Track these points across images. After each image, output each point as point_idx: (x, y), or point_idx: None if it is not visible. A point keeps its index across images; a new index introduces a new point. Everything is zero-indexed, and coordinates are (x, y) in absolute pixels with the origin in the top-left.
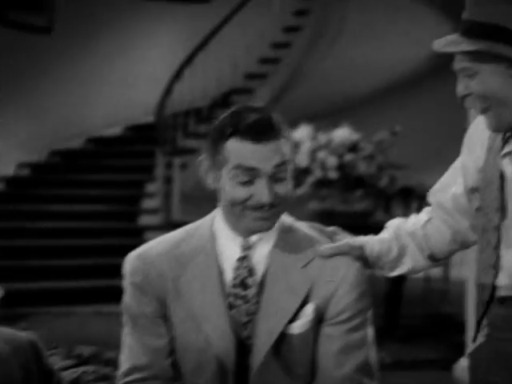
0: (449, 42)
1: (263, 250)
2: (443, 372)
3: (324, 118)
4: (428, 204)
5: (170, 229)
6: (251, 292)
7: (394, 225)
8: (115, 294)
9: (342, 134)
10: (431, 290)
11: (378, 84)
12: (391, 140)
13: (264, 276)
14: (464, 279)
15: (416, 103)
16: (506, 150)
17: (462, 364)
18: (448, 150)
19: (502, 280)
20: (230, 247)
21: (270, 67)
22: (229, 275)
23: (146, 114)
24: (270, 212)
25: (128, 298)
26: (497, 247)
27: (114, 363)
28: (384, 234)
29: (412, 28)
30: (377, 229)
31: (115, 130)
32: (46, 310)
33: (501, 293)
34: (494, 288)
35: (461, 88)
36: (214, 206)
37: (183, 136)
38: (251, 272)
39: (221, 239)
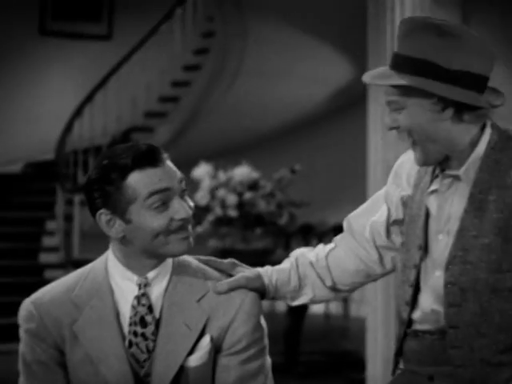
0: (379, 75)
1: (160, 286)
2: None
3: (224, 156)
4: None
5: (70, 266)
6: (150, 329)
7: (296, 254)
8: (15, 333)
9: (242, 172)
10: (331, 326)
11: (278, 122)
12: (291, 178)
13: (161, 312)
14: (364, 316)
15: (315, 142)
16: (433, 187)
17: None
18: (347, 187)
19: (416, 315)
20: (126, 286)
21: (170, 105)
22: (127, 314)
23: (46, 151)
24: (189, 229)
25: (23, 345)
26: (413, 285)
27: None
28: (285, 264)
29: (312, 67)
30: None
31: (15, 167)
32: None
33: (416, 327)
34: (410, 322)
35: (388, 121)
36: None
37: (83, 173)
38: (150, 309)
39: (116, 279)
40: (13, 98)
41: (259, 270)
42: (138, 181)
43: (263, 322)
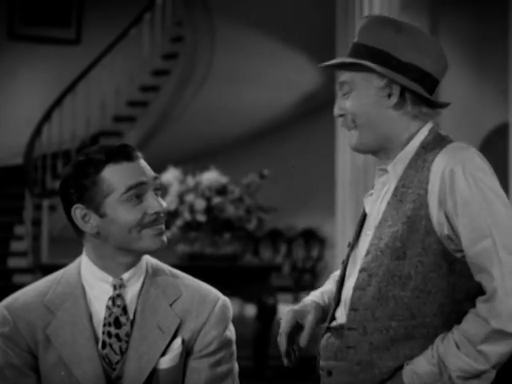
0: (333, 60)
1: (135, 288)
2: None
3: (192, 161)
4: None
5: (38, 271)
6: (124, 330)
7: (336, 274)
8: None
9: (210, 177)
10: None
11: (246, 127)
12: (259, 183)
13: (135, 314)
14: None
15: (284, 146)
16: (370, 191)
17: None
18: (316, 193)
19: (339, 312)
20: (100, 288)
21: (138, 110)
22: (100, 316)
23: (14, 156)
24: (163, 226)
25: None
26: (339, 281)
27: None
28: (328, 284)
29: (281, 72)
30: (245, 271)
31: None
32: None
33: (335, 323)
34: (333, 319)
35: (336, 109)
36: (82, 248)
37: (52, 178)
38: (125, 310)
39: (90, 281)
40: None
41: (310, 298)
42: (114, 174)
43: (232, 328)
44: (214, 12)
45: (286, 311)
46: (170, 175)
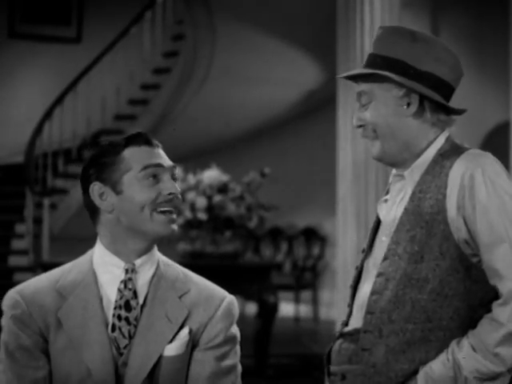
0: (351, 71)
1: (146, 274)
2: None
3: (193, 159)
4: None
5: (39, 270)
6: (134, 314)
7: None
8: None
9: (211, 175)
10: (301, 329)
11: (247, 125)
12: (260, 181)
13: (145, 300)
14: (333, 319)
15: (285, 145)
16: (384, 197)
17: None
18: (316, 190)
19: (353, 316)
20: (112, 272)
21: (139, 108)
22: (111, 300)
23: (15, 154)
24: (174, 215)
25: (6, 332)
26: (353, 286)
27: None
28: None
29: (282, 71)
30: (246, 269)
31: None
32: None
33: (349, 328)
34: (346, 325)
35: (355, 119)
36: (83, 247)
37: (53, 176)
38: (135, 294)
39: (102, 266)
40: None
41: None
42: (133, 154)
43: (237, 328)
44: (214, 10)
45: None
46: None
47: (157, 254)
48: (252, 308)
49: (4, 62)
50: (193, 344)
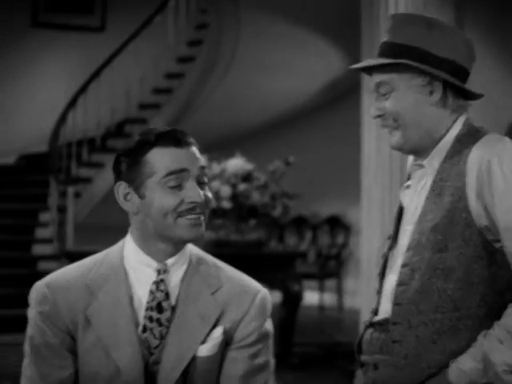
0: (367, 62)
1: (178, 274)
2: None
3: (218, 147)
4: None
5: (63, 258)
6: (166, 315)
7: None
8: (8, 325)
9: (236, 163)
10: (325, 318)
11: (272, 115)
12: (284, 170)
13: (177, 300)
14: (357, 308)
15: (309, 133)
16: (407, 183)
17: None
18: (341, 179)
19: (382, 305)
20: (144, 272)
21: (163, 97)
22: (142, 300)
23: (39, 143)
24: (201, 218)
25: (33, 327)
26: (381, 274)
27: None
28: None
29: (306, 59)
30: (270, 258)
31: (9, 159)
32: None
33: (378, 317)
34: (376, 313)
35: (374, 110)
36: (107, 235)
37: (77, 165)
38: (167, 296)
39: (133, 265)
40: (6, 90)
41: None
42: (158, 157)
43: (271, 322)
44: None
45: None
46: None
47: (188, 250)
48: (276, 297)
49: (28, 51)
50: (226, 342)
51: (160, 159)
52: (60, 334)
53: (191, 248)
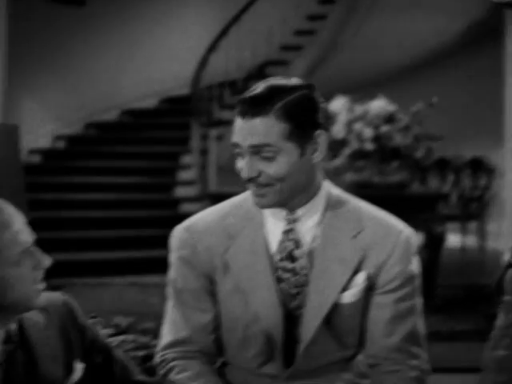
0: None
1: (309, 222)
2: (479, 343)
3: (360, 89)
4: None
5: (206, 200)
6: (299, 264)
7: None
8: (151, 265)
9: (378, 105)
10: (467, 260)
11: (414, 56)
12: (427, 111)
13: (311, 248)
14: (499, 250)
15: (452, 75)
16: None
17: None
18: (483, 120)
19: None
20: (273, 221)
21: (305, 39)
22: (274, 248)
23: (181, 86)
24: (263, 189)
25: (174, 271)
26: None
27: (151, 333)
28: None
29: (446, 1)
30: (413, 200)
31: (151, 102)
32: (81, 281)
33: None
34: None
35: None
36: None
37: (218, 108)
38: (298, 244)
39: (266, 213)
40: (150, 33)
41: None
42: (234, 126)
43: (416, 262)
44: None
45: None
46: (338, 104)
47: (323, 194)
48: (419, 238)
49: None
50: (370, 286)
51: (234, 127)
52: (200, 277)
53: (329, 189)
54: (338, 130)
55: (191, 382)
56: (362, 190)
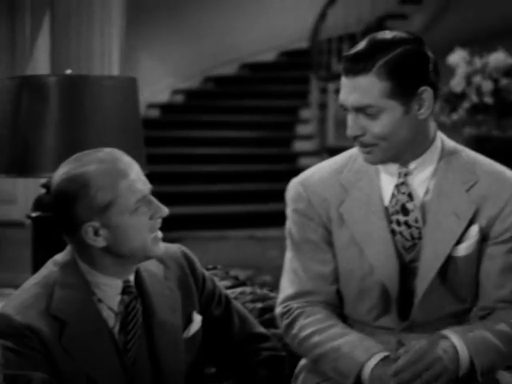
0: None
1: (422, 175)
2: None
3: (479, 42)
4: None
5: (324, 154)
6: (412, 217)
7: None
8: (269, 219)
9: (498, 58)
10: None
11: None
12: None
13: (424, 201)
14: None
15: None
16: None
17: None
18: None
19: None
20: (386, 174)
21: None
22: (387, 201)
23: (299, 40)
24: (368, 148)
25: (292, 224)
26: None
27: (269, 286)
28: None
29: None
30: None
31: (269, 56)
32: (199, 234)
33: None
34: None
35: None
36: None
37: (337, 61)
38: (411, 197)
39: (379, 166)
40: None
41: None
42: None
43: None
44: None
45: None
46: (457, 56)
47: (438, 146)
48: None
49: None
50: (482, 238)
51: None
52: (318, 228)
53: (444, 144)
54: (457, 83)
55: (320, 323)
56: (481, 144)
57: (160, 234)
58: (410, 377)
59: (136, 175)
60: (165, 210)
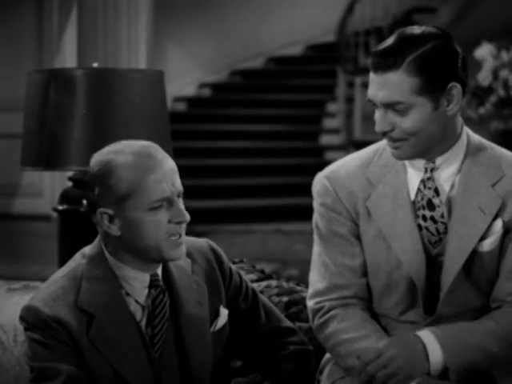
0: None
1: (448, 170)
2: None
3: (507, 36)
4: None
5: (351, 148)
6: (439, 212)
7: None
8: (295, 213)
9: None
10: None
11: None
12: None
13: (450, 196)
14: None
15: None
16: None
17: None
18: None
19: None
20: (412, 169)
21: None
22: (413, 196)
23: (326, 33)
24: (397, 143)
25: (319, 218)
26: None
27: (295, 280)
28: None
29: None
30: None
31: (296, 49)
32: (225, 228)
33: None
34: None
35: None
36: None
37: (364, 55)
38: (437, 192)
39: (405, 160)
40: None
41: None
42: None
43: None
44: None
45: None
46: (484, 50)
47: (464, 141)
48: None
49: None
50: (506, 231)
51: None
52: (346, 222)
53: (470, 139)
54: (484, 77)
55: (354, 331)
56: (508, 139)
57: (181, 239)
58: (365, 377)
59: (164, 175)
60: (185, 216)
